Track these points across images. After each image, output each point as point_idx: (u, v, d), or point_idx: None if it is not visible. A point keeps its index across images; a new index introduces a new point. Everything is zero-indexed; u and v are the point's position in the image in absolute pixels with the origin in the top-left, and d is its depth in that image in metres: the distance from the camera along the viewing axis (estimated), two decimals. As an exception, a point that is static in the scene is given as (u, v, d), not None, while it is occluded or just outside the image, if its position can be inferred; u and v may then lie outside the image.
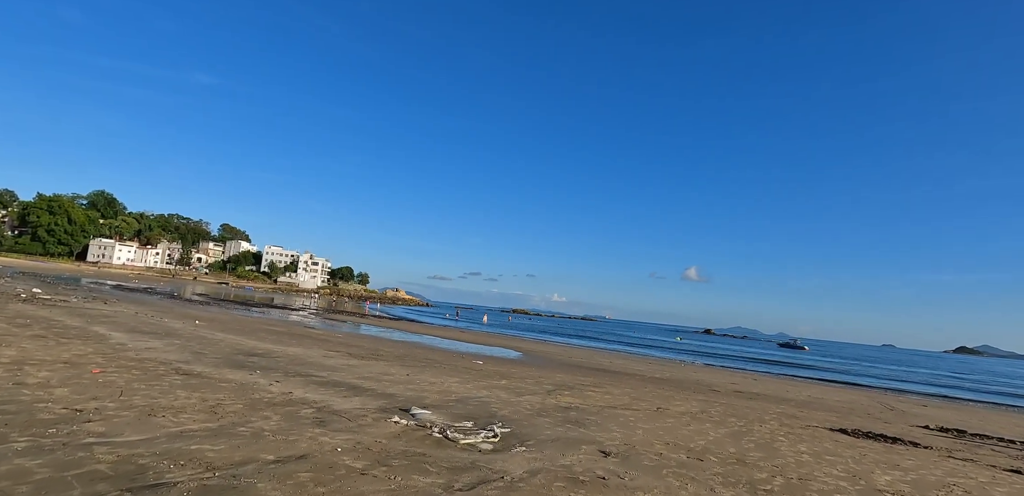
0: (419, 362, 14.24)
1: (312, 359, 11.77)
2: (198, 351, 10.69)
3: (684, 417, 9.74)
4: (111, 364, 8.00)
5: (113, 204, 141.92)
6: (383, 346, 18.49)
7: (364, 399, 7.65)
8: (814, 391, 22.03)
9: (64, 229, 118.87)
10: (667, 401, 12.06)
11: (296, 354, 12.36)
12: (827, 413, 13.97)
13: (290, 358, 11.43)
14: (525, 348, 28.49)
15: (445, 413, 7.28)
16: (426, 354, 17.35)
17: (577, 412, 8.80)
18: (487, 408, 8.14)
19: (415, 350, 18.68)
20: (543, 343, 37.49)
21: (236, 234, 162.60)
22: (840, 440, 9.24)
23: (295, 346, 14.38)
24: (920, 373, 50.17)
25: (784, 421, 10.98)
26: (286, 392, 7.41)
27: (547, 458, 5.51)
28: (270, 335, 17.03)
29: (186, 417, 5.43)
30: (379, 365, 12.24)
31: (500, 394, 9.87)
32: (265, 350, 12.38)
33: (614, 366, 22.97)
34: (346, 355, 13.61)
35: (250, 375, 8.52)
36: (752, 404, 13.90)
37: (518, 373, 14.52)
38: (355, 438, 5.38)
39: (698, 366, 31.89)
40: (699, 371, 26.79)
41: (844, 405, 17.12)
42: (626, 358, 30.89)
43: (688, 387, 17.12)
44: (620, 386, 14.32)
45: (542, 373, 15.60)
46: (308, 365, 10.64)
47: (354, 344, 17.65)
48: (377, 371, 11.06)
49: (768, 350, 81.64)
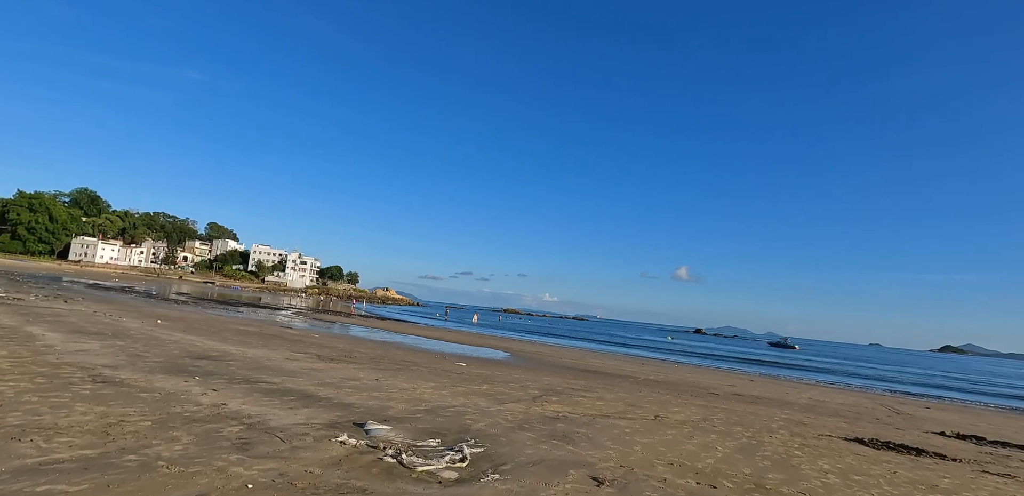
0: (394, 365, 13.07)
1: (271, 362, 10.56)
2: (138, 354, 9.45)
3: (686, 427, 8.66)
4: (16, 370, 6.77)
5: (97, 202, 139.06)
6: (359, 347, 17.28)
7: (313, 411, 6.48)
8: (814, 393, 21.12)
9: (45, 227, 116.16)
10: (665, 407, 10.99)
11: (256, 356, 11.15)
12: (835, 419, 12.98)
13: (246, 361, 10.21)
14: (513, 349, 27.37)
15: (408, 428, 6.14)
16: (405, 356, 16.17)
17: (565, 423, 7.68)
18: (460, 420, 7.00)
19: (394, 351, 17.48)
20: (533, 343, 36.38)
21: (223, 233, 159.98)
22: (861, 453, 8.20)
23: (259, 347, 13.14)
24: (912, 373, 49.72)
25: (794, 430, 9.95)
26: (218, 404, 6.23)
27: (525, 491, 4.39)
28: (236, 335, 15.77)
29: (62, 442, 4.24)
30: (347, 369, 11.05)
31: (479, 402, 8.73)
32: (221, 352, 11.15)
33: (606, 368, 21.92)
34: (313, 357, 12.40)
35: (185, 382, 7.31)
36: (755, 409, 12.88)
37: (503, 376, 13.39)
38: (279, 468, 4.22)
39: (692, 367, 30.95)
40: (694, 372, 25.82)
41: (849, 409, 16.17)
42: (618, 359, 29.87)
43: (685, 390, 16.09)
44: (613, 390, 13.24)
45: (529, 376, 14.49)
46: (263, 369, 9.43)
47: (328, 345, 16.42)
48: (342, 376, 9.87)
49: (759, 349, 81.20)
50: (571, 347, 37.81)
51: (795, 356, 66.85)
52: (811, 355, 75.73)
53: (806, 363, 49.12)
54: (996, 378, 54.27)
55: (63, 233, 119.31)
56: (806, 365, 45.37)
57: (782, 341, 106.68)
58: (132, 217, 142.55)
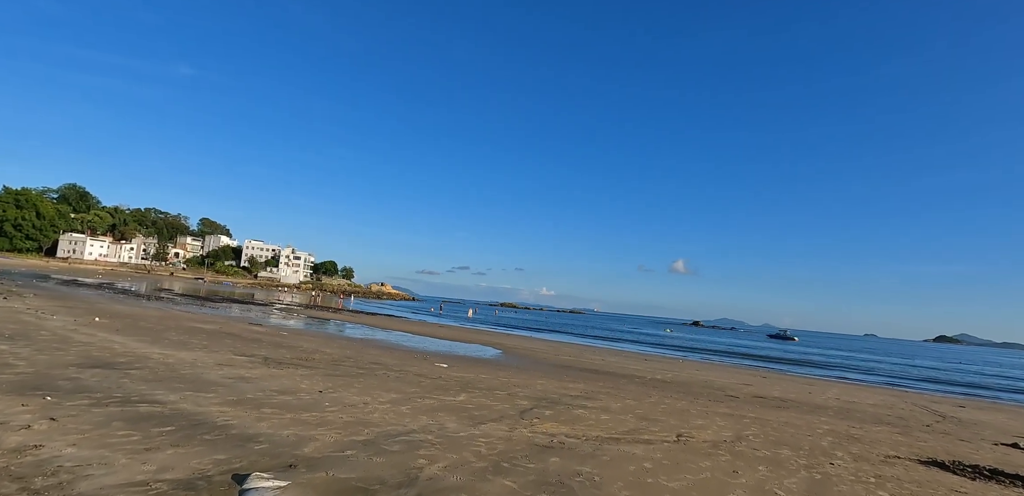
0: (358, 368, 10.92)
1: (192, 370, 8.40)
2: (9, 362, 7.29)
3: (720, 453, 6.56)
4: None
5: (86, 198, 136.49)
6: (328, 346, 15.12)
7: (183, 453, 4.33)
8: (835, 392, 19.11)
9: (32, 224, 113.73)
10: (685, 420, 8.90)
11: (177, 362, 8.98)
12: (883, 428, 10.93)
13: (156, 370, 8.06)
14: (507, 345, 25.29)
15: (318, 483, 4.00)
16: (378, 356, 14.03)
17: (562, 456, 5.56)
18: (409, 459, 4.86)
19: (367, 350, 15.34)
20: (528, 339, 34.32)
21: (216, 228, 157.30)
22: (961, 489, 6.12)
23: (196, 350, 10.97)
24: (923, 366, 47.89)
25: (851, 449, 7.87)
26: (29, 445, 4.07)
27: None
28: (182, 335, 13.60)
29: None
30: (291, 376, 8.90)
31: (448, 422, 6.60)
32: (135, 357, 8.98)
33: (607, 366, 19.85)
34: (258, 361, 10.25)
35: (22, 406, 5.16)
36: (787, 417, 10.81)
37: (488, 381, 11.26)
38: None
39: (697, 363, 28.95)
40: (702, 369, 23.80)
41: (887, 412, 14.14)
42: (619, 355, 27.83)
43: (700, 393, 14.02)
44: (619, 396, 11.14)
45: (520, 378, 12.39)
46: (169, 381, 7.27)
47: (289, 345, 14.27)
48: (277, 387, 7.72)
49: (759, 342, 79.42)
50: (568, 342, 35.78)
51: (796, 348, 65.10)
52: (811, 347, 74.06)
53: (811, 357, 47.21)
54: (1012, 369, 52.57)
55: (51, 230, 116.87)
56: (814, 360, 43.42)
57: (781, 333, 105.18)
58: (123, 213, 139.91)
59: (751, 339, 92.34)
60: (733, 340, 78.75)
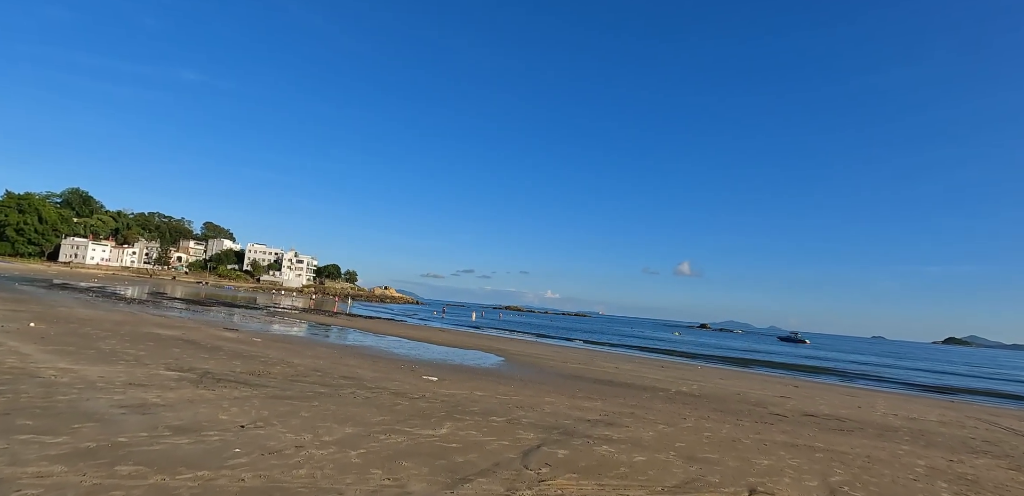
0: (321, 386, 8.74)
1: (77, 393, 6.24)
2: None
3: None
4: None
5: (89, 202, 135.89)
6: (299, 356, 12.95)
7: None
8: (884, 405, 16.75)
9: (34, 228, 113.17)
10: (742, 456, 6.65)
11: (72, 380, 6.83)
12: (986, 460, 8.61)
13: (25, 392, 5.91)
14: (510, 351, 23.06)
15: None
16: (355, 368, 11.83)
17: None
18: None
19: (345, 360, 13.14)
20: (533, 344, 32.06)
21: (219, 232, 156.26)
22: None
23: (117, 363, 8.82)
24: (954, 371, 45.09)
25: (986, 505, 5.61)
26: None
27: None
28: (125, 343, 11.49)
29: None
30: (219, 401, 6.72)
31: (413, 481, 4.39)
32: (20, 373, 6.85)
33: (622, 375, 17.57)
34: (191, 379, 8.09)
35: None
36: (864, 447, 8.52)
37: (483, 400, 9.05)
38: None
39: (718, 370, 26.57)
40: (726, 378, 21.44)
41: (965, 434, 11.78)
42: (632, 361, 25.51)
43: (739, 410, 11.74)
44: (648, 418, 8.90)
45: (524, 395, 10.17)
46: (21, 412, 5.12)
47: (251, 355, 12.10)
48: (185, 419, 5.54)
49: (771, 345, 76.59)
50: (575, 348, 33.49)
51: (810, 352, 62.30)
52: (826, 350, 71.26)
53: (837, 363, 44.52)
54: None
55: (53, 234, 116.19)
56: (837, 368, 40.76)
57: (792, 336, 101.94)
58: (126, 217, 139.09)
59: (762, 342, 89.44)
60: (744, 343, 76.01)
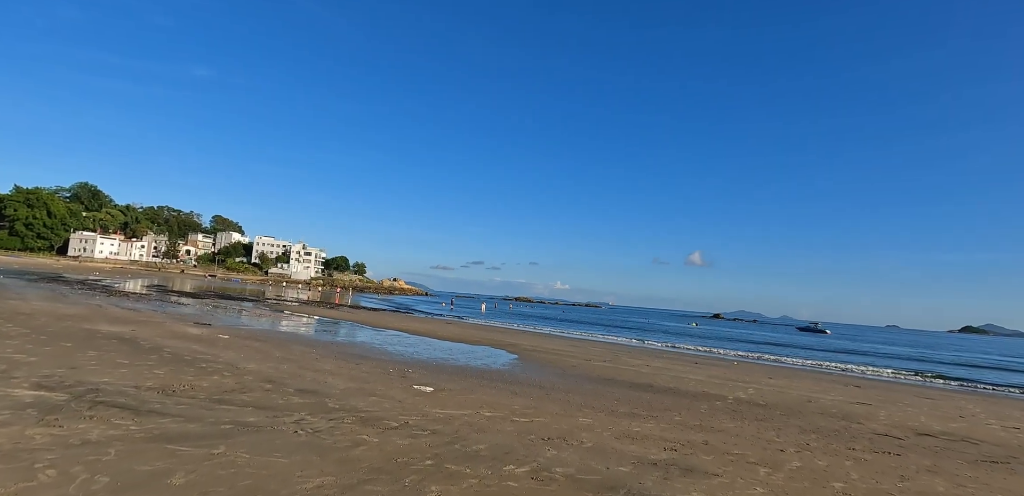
0: (258, 411, 6.10)
1: None
2: None
3: None
4: None
5: (98, 196, 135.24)
6: (263, 358, 10.32)
7: None
8: (983, 412, 13.84)
9: (43, 223, 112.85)
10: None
11: None
12: None
13: None
14: (523, 346, 20.39)
15: None
16: (325, 375, 9.19)
17: None
18: None
19: (319, 363, 10.51)
20: (547, 337, 29.38)
21: (228, 226, 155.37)
22: None
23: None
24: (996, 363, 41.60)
25: None
26: None
27: None
28: (36, 342, 8.97)
29: None
30: (48, 452, 4.12)
31: None
32: None
33: (660, 376, 14.82)
34: (49, 403, 5.51)
35: None
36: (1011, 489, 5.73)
37: (492, 429, 6.35)
38: None
39: (756, 365, 23.69)
40: (774, 376, 18.56)
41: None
42: (659, 356, 22.71)
43: (834, 430, 8.93)
44: (735, 455, 6.16)
45: (549, 416, 7.48)
46: None
47: (197, 358, 9.52)
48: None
49: (792, 335, 73.17)
50: (593, 341, 30.77)
51: (836, 343, 58.88)
52: (849, 340, 67.88)
53: (871, 359, 41.30)
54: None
55: (62, 228, 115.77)
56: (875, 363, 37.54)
57: (812, 326, 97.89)
58: (135, 211, 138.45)
59: (782, 332, 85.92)
60: (764, 333, 72.71)
